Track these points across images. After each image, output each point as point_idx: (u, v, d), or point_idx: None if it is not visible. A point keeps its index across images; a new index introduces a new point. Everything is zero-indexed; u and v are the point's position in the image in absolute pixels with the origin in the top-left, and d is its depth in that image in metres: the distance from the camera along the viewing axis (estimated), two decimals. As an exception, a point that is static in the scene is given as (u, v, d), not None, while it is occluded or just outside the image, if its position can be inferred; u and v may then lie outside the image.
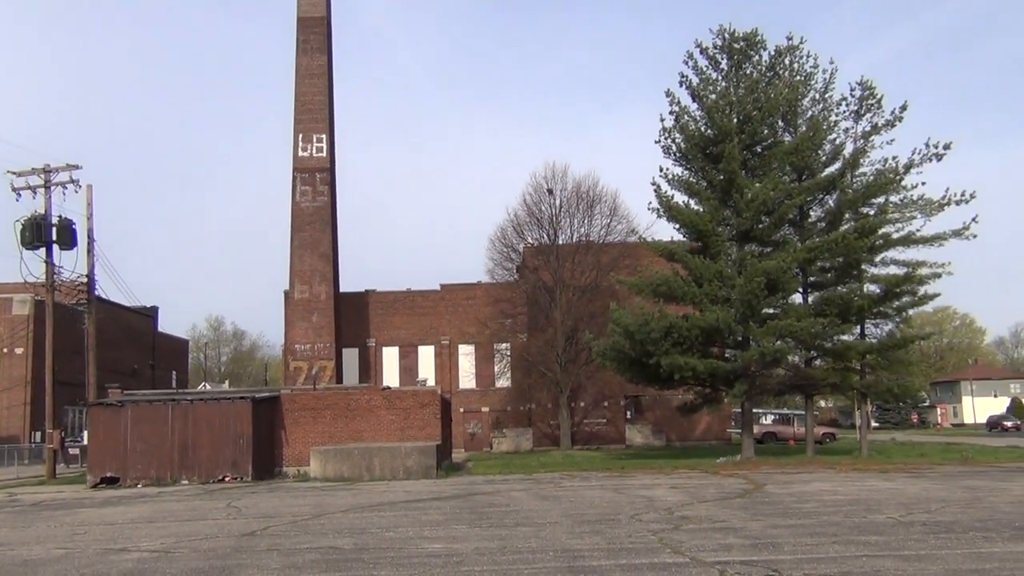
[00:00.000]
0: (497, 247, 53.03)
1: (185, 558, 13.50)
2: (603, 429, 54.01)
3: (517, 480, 27.89)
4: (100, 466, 31.48)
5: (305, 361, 51.35)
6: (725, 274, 33.47)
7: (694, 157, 35.55)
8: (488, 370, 56.04)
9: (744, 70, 35.50)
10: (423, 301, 57.29)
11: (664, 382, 34.94)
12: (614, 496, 21.50)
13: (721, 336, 33.98)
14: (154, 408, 32.09)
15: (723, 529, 14.98)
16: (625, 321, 32.91)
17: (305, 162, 52.53)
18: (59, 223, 36.57)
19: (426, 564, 12.23)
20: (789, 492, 21.54)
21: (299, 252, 52.10)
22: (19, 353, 56.34)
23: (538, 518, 17.29)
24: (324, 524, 17.40)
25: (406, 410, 34.31)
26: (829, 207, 36.74)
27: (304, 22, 53.75)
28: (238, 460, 31.31)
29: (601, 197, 51.10)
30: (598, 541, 13.91)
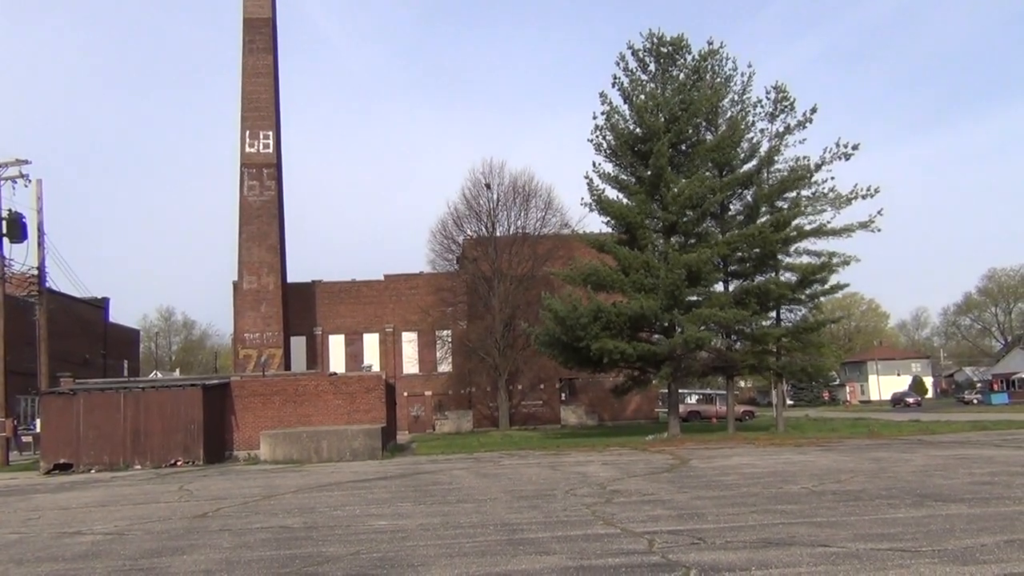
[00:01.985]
0: (438, 239, 53.06)
1: (139, 540, 13.24)
2: (539, 410, 54.29)
3: (459, 459, 27.90)
4: (53, 453, 30.66)
5: (254, 349, 50.61)
6: (651, 264, 33.88)
7: (624, 154, 35.91)
8: (430, 356, 55.91)
9: (671, 72, 35.97)
10: (368, 291, 56.87)
11: (595, 365, 35.29)
12: (550, 473, 21.64)
13: (648, 322, 34.41)
14: (106, 396, 31.34)
15: (651, 502, 15.19)
16: (556, 308, 33.17)
17: (252, 158, 51.65)
18: (9, 216, 35.40)
19: (373, 540, 12.19)
20: (712, 466, 21.92)
21: (247, 244, 51.27)
22: (-30, 344, 54.37)
23: (479, 495, 17.34)
24: (274, 505, 17.21)
25: (352, 395, 34.07)
26: (747, 201, 37.43)
27: (250, 23, 52.77)
28: (190, 445, 30.77)
29: (536, 191, 51.45)
30: (536, 515, 14.00)
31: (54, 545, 13.13)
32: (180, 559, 11.34)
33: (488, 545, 11.37)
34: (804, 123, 36.15)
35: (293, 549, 11.75)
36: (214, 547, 12.20)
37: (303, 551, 11.56)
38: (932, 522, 11.94)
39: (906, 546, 10.20)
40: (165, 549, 12.21)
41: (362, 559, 10.79)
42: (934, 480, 17.11)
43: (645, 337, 35.48)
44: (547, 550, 10.80)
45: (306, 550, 11.63)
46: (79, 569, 10.98)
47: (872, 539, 10.73)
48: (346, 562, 10.65)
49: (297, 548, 11.81)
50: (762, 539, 10.99)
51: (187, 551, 11.95)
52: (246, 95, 52.10)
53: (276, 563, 10.77)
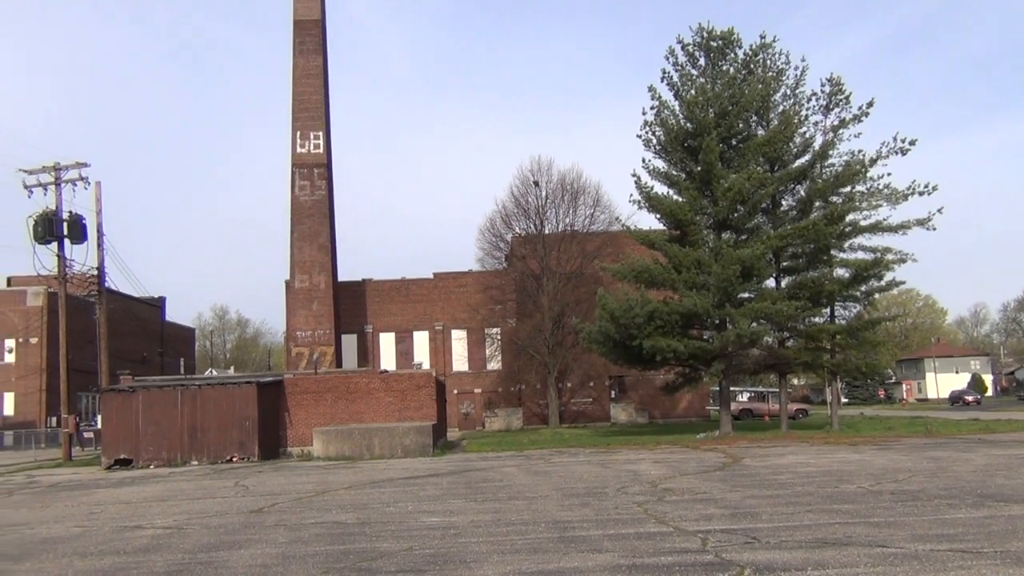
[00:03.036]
0: (487, 237, 53.16)
1: (197, 534, 13.51)
2: (589, 408, 54.15)
3: (509, 457, 27.96)
4: (114, 448, 31.41)
5: (306, 347, 51.23)
6: (703, 261, 33.58)
7: (673, 150, 35.65)
8: (480, 354, 56.08)
9: (721, 67, 35.64)
10: (417, 289, 57.22)
11: (647, 363, 35.11)
12: (601, 471, 21.59)
13: (700, 320, 34.10)
14: (164, 393, 32.00)
15: (704, 500, 15.08)
16: (611, 306, 33.01)
17: (303, 158, 52.26)
18: (69, 218, 36.32)
19: (425, 536, 12.29)
20: (765, 465, 21.68)
21: (299, 244, 51.90)
22: (34, 343, 56.06)
23: (530, 492, 17.37)
24: (328, 500, 17.43)
25: (403, 392, 34.34)
26: (800, 196, 36.89)
27: (300, 25, 53.38)
28: (245, 441, 31.28)
29: (585, 188, 51.22)
30: (587, 513, 13.99)
31: (116, 538, 13.47)
32: (237, 553, 11.56)
33: (540, 542, 11.39)
34: (860, 117, 35.54)
35: (347, 544, 11.90)
36: (270, 542, 12.41)
37: (356, 546, 11.70)
38: (993, 523, 11.67)
39: (967, 547, 9.99)
40: (222, 543, 12.45)
41: (415, 555, 10.89)
42: (995, 480, 16.72)
43: (696, 334, 35.19)
44: (599, 548, 10.78)
45: (359, 545, 11.77)
46: (140, 562, 11.25)
47: (932, 540, 10.53)
48: (399, 557, 10.75)
49: (351, 543, 11.96)
50: (818, 539, 10.85)
51: (244, 545, 12.18)
52: (296, 96, 52.74)
53: (330, 558, 10.92)
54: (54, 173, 36.32)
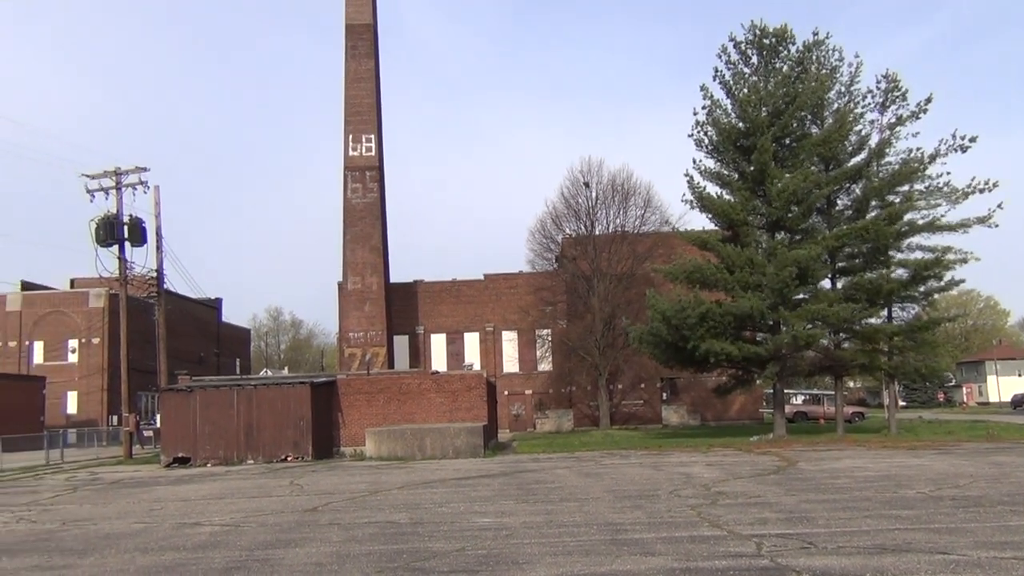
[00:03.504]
0: (537, 238, 53.15)
1: (253, 532, 13.74)
2: (640, 410, 53.82)
3: (560, 458, 27.92)
4: (172, 447, 32.07)
5: (359, 348, 51.78)
6: (756, 262, 33.18)
7: (726, 149, 35.28)
8: (530, 355, 56.10)
9: (774, 65, 35.16)
10: (468, 290, 57.45)
11: (699, 365, 34.80)
12: (653, 473, 21.45)
13: (753, 321, 33.68)
14: (220, 393, 32.57)
15: (758, 504, 14.89)
16: (662, 307, 32.79)
17: (355, 161, 52.85)
18: (130, 222, 37.16)
19: (478, 537, 12.33)
20: (821, 469, 21.34)
21: (351, 246, 52.49)
22: (96, 343, 57.59)
23: (581, 494, 17.33)
24: (381, 500, 17.59)
25: (454, 393, 34.50)
26: (856, 195, 36.19)
27: (352, 29, 53.98)
28: (299, 441, 31.70)
29: (635, 189, 50.94)
30: (639, 515, 13.91)
31: (175, 535, 13.76)
32: (293, 551, 11.73)
33: (592, 544, 11.35)
34: (917, 114, 34.74)
35: (400, 544, 12.00)
36: (324, 540, 12.57)
37: (409, 546, 11.79)
38: (1061, 531, 11.34)
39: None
40: (278, 541, 12.64)
41: (467, 555, 10.93)
42: (1062, 487, 16.24)
43: (749, 336, 34.75)
44: (652, 551, 10.72)
45: (412, 545, 11.86)
46: (199, 559, 11.48)
47: (994, 547, 10.27)
48: (452, 558, 10.81)
49: (404, 543, 12.06)
50: (876, 545, 10.65)
51: (299, 544, 12.35)
52: (349, 100, 53.36)
53: (384, 557, 11.02)
54: (115, 178, 37.22)
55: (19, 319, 58.78)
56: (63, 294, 61.16)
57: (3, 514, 17.91)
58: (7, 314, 58.92)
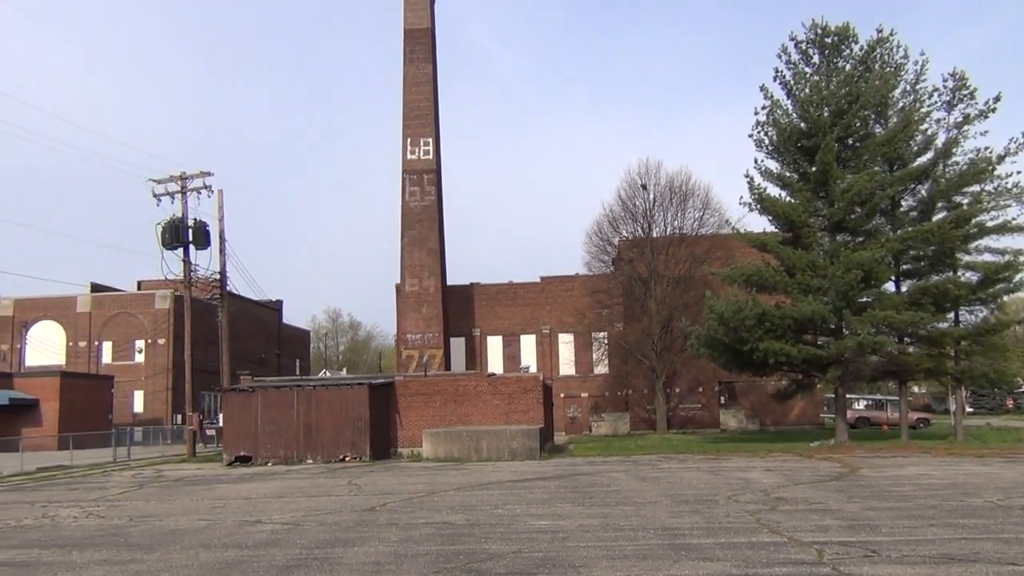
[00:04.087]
0: (594, 241, 52.99)
1: (313, 530, 13.94)
2: (698, 414, 53.27)
3: (616, 462, 27.78)
4: (234, 446, 32.70)
5: (416, 350, 52.19)
6: (817, 264, 32.60)
7: (787, 150, 34.72)
8: (587, 357, 55.94)
9: (836, 63, 34.50)
10: (525, 293, 57.54)
11: (757, 368, 34.30)
12: (711, 478, 21.22)
13: (814, 325, 33.08)
14: (281, 393, 33.12)
15: (820, 510, 14.63)
16: (719, 309, 32.40)
17: (413, 164, 53.32)
18: (194, 225, 38.02)
19: (534, 539, 12.33)
20: (884, 476, 20.87)
21: (409, 248, 52.96)
22: (161, 343, 59.03)
23: (638, 498, 17.22)
24: (437, 501, 17.70)
25: (510, 395, 34.55)
26: (921, 196, 35.31)
27: (410, 34, 54.51)
28: (357, 441, 32.06)
29: (694, 191, 50.48)
30: (697, 520, 13.77)
31: (237, 532, 14.03)
32: (351, 550, 11.87)
33: (649, 549, 11.28)
34: (986, 113, 33.72)
35: (457, 545, 12.06)
36: (382, 540, 12.70)
37: (466, 547, 11.85)
38: None
39: (1109, 569, 9.37)
40: (337, 540, 12.81)
41: (524, 557, 10.94)
42: None
43: (810, 339, 34.14)
44: (710, 556, 10.60)
45: (469, 546, 11.91)
46: (260, 556, 11.69)
47: (1069, 559, 9.92)
48: (508, 560, 10.83)
49: (460, 544, 12.12)
50: (943, 554, 10.38)
51: (357, 543, 12.50)
52: (407, 103, 53.88)
53: (441, 558, 11.09)
54: (180, 182, 38.12)
55: (89, 320, 60.56)
56: (130, 296, 62.84)
57: (73, 509, 18.47)
58: (78, 315, 60.75)
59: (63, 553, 12.54)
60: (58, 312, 61.08)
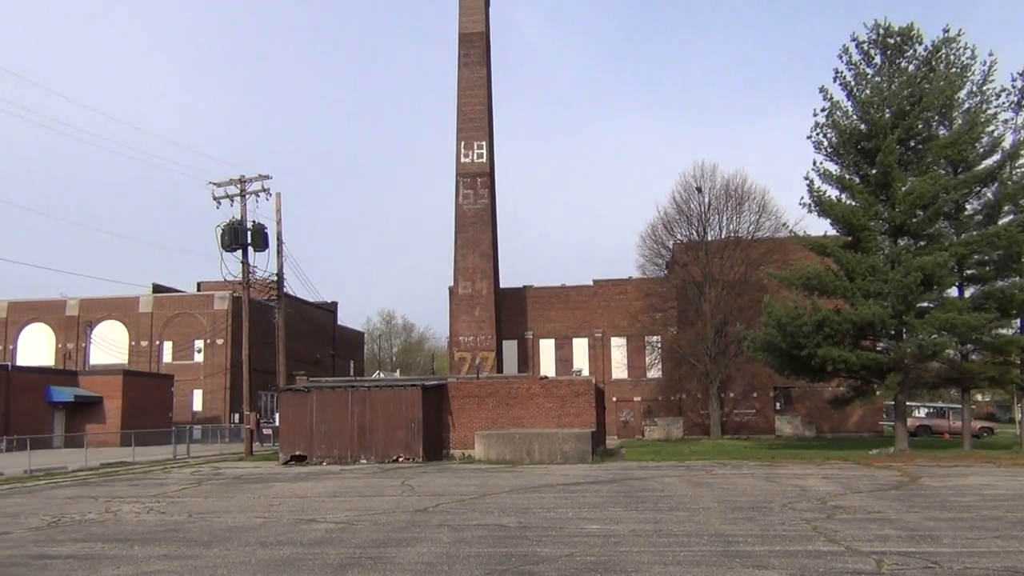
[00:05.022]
0: (647, 244, 52.65)
1: (366, 530, 14.09)
2: (752, 419, 52.59)
3: (669, 467, 27.56)
4: (290, 445, 33.18)
5: (469, 352, 52.40)
6: (878, 268, 31.96)
7: (846, 152, 34.11)
8: (639, 361, 55.61)
9: (898, 64, 33.80)
10: (577, 296, 57.43)
11: (815, 374, 33.75)
12: (766, 484, 20.93)
13: (873, 330, 32.44)
14: (335, 394, 33.51)
15: (878, 520, 14.34)
16: (777, 314, 31.94)
17: (467, 167, 53.58)
18: (253, 227, 38.71)
19: (586, 543, 12.30)
20: (946, 485, 20.38)
21: (462, 251, 53.21)
22: (220, 343, 60.22)
23: (691, 503, 17.06)
24: (489, 503, 17.75)
25: (562, 398, 34.48)
26: (987, 200, 34.43)
27: (465, 38, 54.79)
28: (410, 442, 32.29)
29: (750, 194, 49.87)
30: (751, 527, 13.60)
31: (293, 530, 14.25)
32: (404, 550, 11.97)
33: (703, 555, 11.17)
34: (1057, 114, 32.80)
35: (509, 547, 12.08)
36: (435, 541, 12.78)
37: (518, 550, 11.86)
38: None
39: None
40: (390, 540, 12.93)
41: (576, 561, 10.92)
42: None
43: (869, 345, 33.46)
44: (765, 564, 10.47)
45: (521, 549, 11.92)
46: (315, 554, 11.85)
47: None
48: (560, 563, 10.82)
49: (512, 547, 12.14)
50: (1007, 567, 10.10)
51: (410, 543, 12.60)
52: (461, 107, 54.17)
53: (493, 560, 11.12)
54: (239, 185, 38.88)
55: (150, 320, 62.08)
56: (190, 297, 64.25)
57: (135, 505, 18.93)
58: (140, 315, 62.32)
59: (125, 547, 12.86)
60: (121, 312, 62.74)
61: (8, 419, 45.64)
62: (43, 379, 50.09)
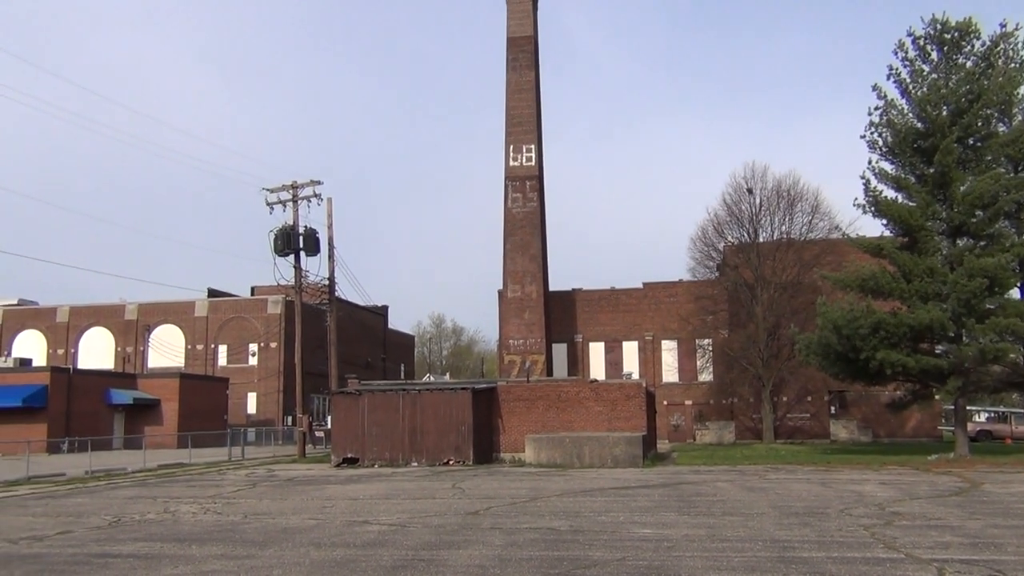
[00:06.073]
0: (698, 246, 52.12)
1: (419, 532, 14.16)
2: (806, 424, 51.77)
3: (722, 471, 27.26)
4: (342, 447, 33.51)
5: (518, 355, 52.42)
6: (935, 270, 31.25)
7: (902, 151, 33.40)
8: (690, 365, 55.12)
9: (956, 60, 33.00)
10: (627, 299, 57.13)
11: (871, 378, 33.11)
12: (821, 490, 20.58)
13: (932, 333, 31.72)
14: (387, 397, 33.77)
15: (939, 527, 14.00)
16: (833, 316, 31.40)
17: (515, 171, 53.64)
18: (305, 232, 39.22)
19: (638, 547, 12.21)
20: (1009, 492, 19.83)
21: (511, 255, 53.27)
22: (273, 347, 61.14)
23: (745, 508, 16.84)
24: (540, 507, 17.72)
25: (613, 402, 34.29)
26: (1051, 198, 33.46)
27: (513, 41, 54.88)
28: (460, 445, 32.39)
29: (802, 195, 49.12)
30: (807, 533, 13.38)
31: (346, 532, 14.38)
32: (456, 553, 12.00)
33: (757, 561, 11.01)
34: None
35: (560, 551, 12.05)
36: (486, 544, 12.79)
37: (570, 553, 11.82)
38: None
39: None
40: (442, 543, 12.98)
41: (628, 566, 10.85)
42: None
43: (927, 348, 32.72)
44: (822, 571, 10.29)
45: (573, 553, 11.88)
46: (368, 556, 11.94)
47: None
48: (612, 567, 10.75)
49: (564, 550, 12.10)
50: (1076, 577, 9.79)
51: (462, 546, 12.63)
52: (509, 111, 54.26)
53: (545, 563, 11.10)
54: (292, 191, 39.42)
55: (206, 324, 63.27)
56: (244, 301, 65.35)
57: (192, 505, 19.28)
58: (195, 319, 63.55)
59: (183, 547, 13.10)
60: (178, 316, 64.05)
61: (70, 421, 46.84)
62: (103, 382, 51.33)
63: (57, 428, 45.14)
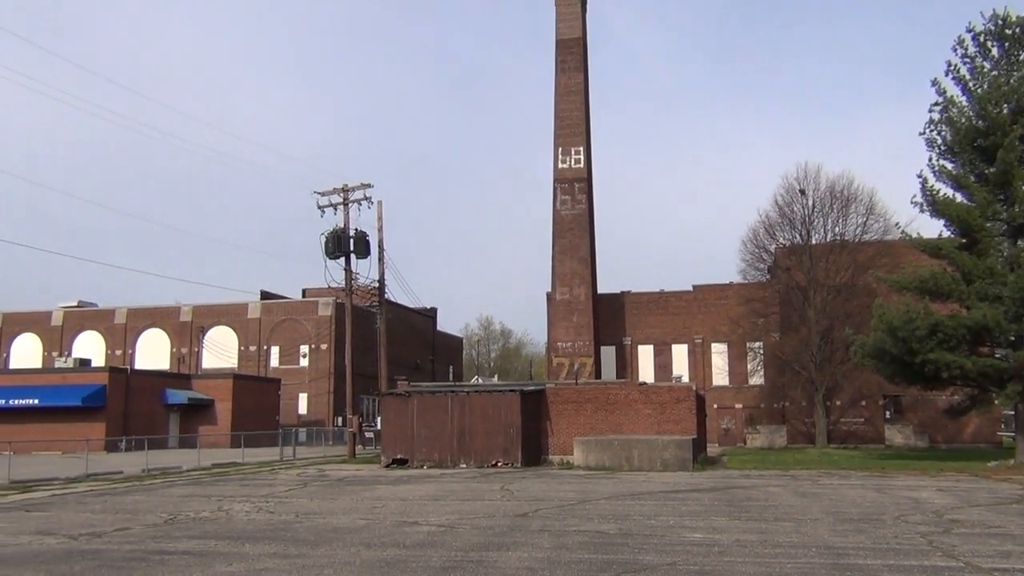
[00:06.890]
0: (749, 248, 51.52)
1: (467, 533, 14.19)
2: (860, 428, 50.86)
3: (773, 476, 26.87)
4: (392, 448, 33.76)
5: (567, 358, 52.36)
6: (995, 271, 30.45)
7: (962, 150, 32.59)
8: (741, 368, 54.52)
9: (1018, 57, 32.11)
10: (676, 301, 56.74)
11: (927, 381, 32.34)
12: (876, 496, 20.18)
13: (990, 335, 30.91)
14: (436, 398, 33.93)
15: (999, 535, 13.63)
16: (889, 318, 30.77)
17: (564, 173, 53.62)
18: (355, 235, 39.60)
19: (688, 552, 12.09)
20: (1074, 501, 19.23)
21: (560, 257, 53.24)
22: (324, 348, 61.85)
23: (798, 514, 16.58)
24: (589, 509, 17.65)
25: (662, 405, 34.04)
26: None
27: (562, 44, 54.89)
28: (509, 447, 32.42)
29: (856, 196, 48.29)
30: (862, 540, 13.12)
31: (396, 532, 14.47)
32: (505, 555, 12.00)
33: (811, 568, 10.83)
34: None
35: (610, 554, 11.98)
36: (535, 546, 12.77)
37: (619, 557, 11.75)
38: None
39: None
40: (491, 544, 12.99)
41: (679, 570, 10.75)
42: None
43: (986, 351, 31.88)
44: (878, 579, 10.07)
45: (622, 556, 11.81)
46: (418, 556, 12.00)
47: None
48: (663, 572, 10.66)
49: (613, 554, 12.03)
50: None
51: (511, 548, 12.63)
52: (558, 113, 54.27)
53: (594, 566, 11.04)
54: (343, 194, 39.83)
55: (259, 326, 64.28)
56: (296, 303, 66.25)
57: (245, 504, 19.57)
58: (248, 321, 64.58)
59: (236, 545, 13.30)
60: (231, 318, 65.15)
61: (127, 420, 47.91)
62: (159, 382, 52.41)
63: (115, 427, 46.20)
